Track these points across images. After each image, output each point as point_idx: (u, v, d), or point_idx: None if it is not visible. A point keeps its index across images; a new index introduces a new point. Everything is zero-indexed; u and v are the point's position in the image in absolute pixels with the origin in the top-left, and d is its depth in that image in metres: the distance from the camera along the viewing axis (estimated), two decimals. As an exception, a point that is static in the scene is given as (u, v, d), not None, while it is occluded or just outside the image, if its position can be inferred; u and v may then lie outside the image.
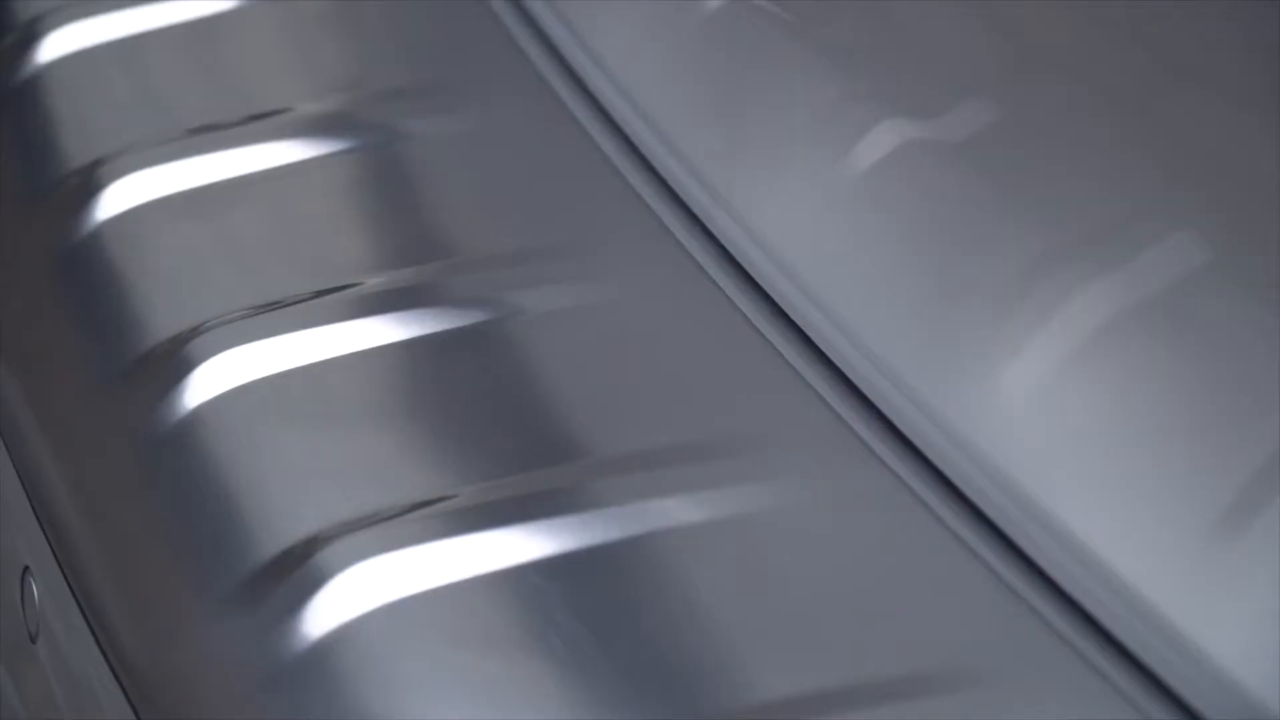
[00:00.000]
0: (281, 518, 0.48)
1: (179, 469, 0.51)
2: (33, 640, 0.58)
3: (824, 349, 0.54)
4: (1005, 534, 0.46)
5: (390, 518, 0.47)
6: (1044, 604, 0.44)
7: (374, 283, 0.58)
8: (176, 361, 0.53)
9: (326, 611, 0.45)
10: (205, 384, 0.52)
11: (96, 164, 0.65)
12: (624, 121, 0.63)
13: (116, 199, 0.62)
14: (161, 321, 0.55)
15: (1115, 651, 0.43)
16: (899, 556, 0.47)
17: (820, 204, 0.56)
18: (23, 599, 0.58)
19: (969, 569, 0.45)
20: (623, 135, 0.63)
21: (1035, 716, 0.43)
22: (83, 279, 0.61)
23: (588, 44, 0.66)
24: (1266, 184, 0.50)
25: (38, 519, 0.56)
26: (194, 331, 0.53)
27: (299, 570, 0.46)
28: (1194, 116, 0.53)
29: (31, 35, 0.71)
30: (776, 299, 0.56)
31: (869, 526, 0.48)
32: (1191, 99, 0.54)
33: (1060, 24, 0.57)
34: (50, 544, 0.55)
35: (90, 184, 0.64)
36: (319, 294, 0.56)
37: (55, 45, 0.70)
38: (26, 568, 0.58)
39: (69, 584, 0.54)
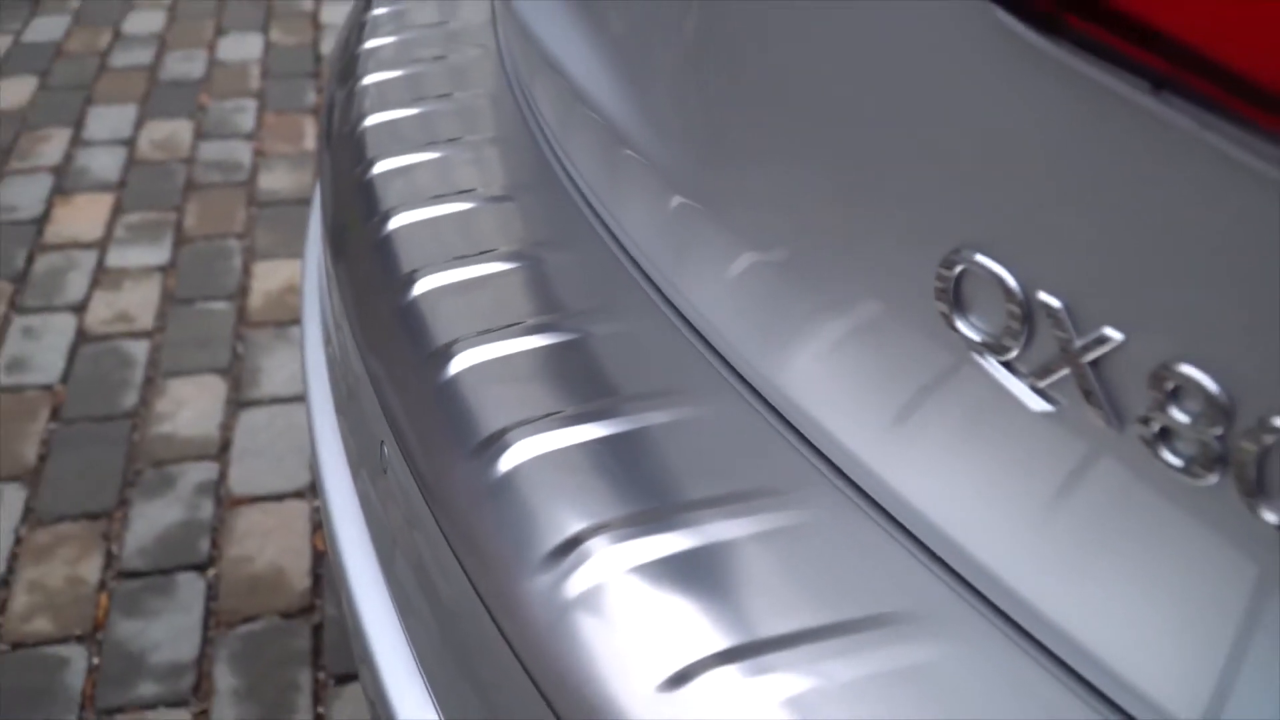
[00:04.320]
0: (488, 418, 0.64)
1: (444, 399, 0.66)
2: (384, 472, 0.73)
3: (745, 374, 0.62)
4: (785, 417, 0.60)
5: (536, 420, 0.63)
6: (802, 449, 0.59)
7: (533, 321, 0.71)
8: (446, 354, 0.69)
9: (508, 460, 0.62)
10: (459, 364, 0.69)
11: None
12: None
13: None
14: (440, 337, 0.71)
15: (833, 468, 0.57)
16: (733, 438, 0.62)
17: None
18: (380, 454, 0.74)
19: (771, 439, 0.60)
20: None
21: (790, 516, 0.56)
22: (400, 315, 0.73)
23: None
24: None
25: (386, 417, 0.71)
26: (454, 341, 0.70)
27: (498, 442, 0.62)
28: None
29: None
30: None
31: (730, 430, 0.62)
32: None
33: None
34: (391, 428, 0.70)
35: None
36: (509, 325, 0.71)
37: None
38: (382, 441, 0.73)
39: (399, 446, 0.70)
